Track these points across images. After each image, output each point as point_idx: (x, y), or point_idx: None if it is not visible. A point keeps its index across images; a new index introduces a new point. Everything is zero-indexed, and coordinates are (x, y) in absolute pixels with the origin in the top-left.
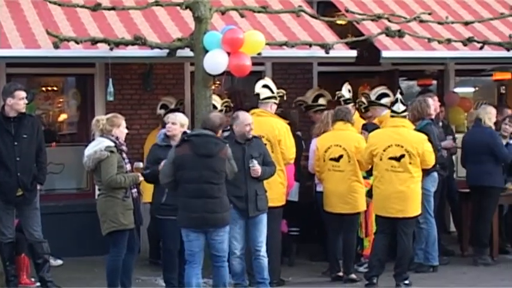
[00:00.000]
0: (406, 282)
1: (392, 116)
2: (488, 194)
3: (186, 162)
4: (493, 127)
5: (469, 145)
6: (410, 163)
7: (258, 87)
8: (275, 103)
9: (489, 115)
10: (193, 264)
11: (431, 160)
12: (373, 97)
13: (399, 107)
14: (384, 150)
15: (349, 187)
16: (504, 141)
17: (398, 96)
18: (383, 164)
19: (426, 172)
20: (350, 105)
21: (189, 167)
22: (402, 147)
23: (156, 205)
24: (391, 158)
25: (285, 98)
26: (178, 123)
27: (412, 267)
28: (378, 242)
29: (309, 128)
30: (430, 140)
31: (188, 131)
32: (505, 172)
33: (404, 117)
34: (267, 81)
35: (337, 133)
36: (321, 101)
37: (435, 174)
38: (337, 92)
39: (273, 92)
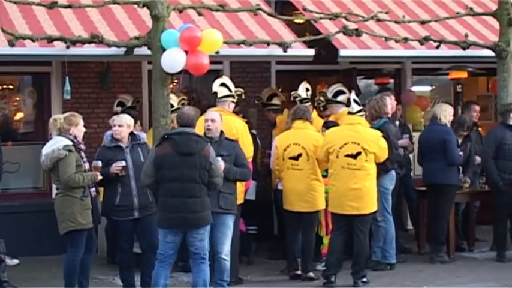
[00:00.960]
0: (364, 280)
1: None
2: (443, 192)
3: (166, 161)
4: (449, 125)
5: (424, 143)
6: (366, 160)
7: (216, 86)
8: (233, 102)
9: (445, 112)
10: (165, 264)
11: (384, 155)
12: (329, 95)
13: (353, 107)
14: (340, 148)
15: (308, 186)
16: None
17: (352, 96)
18: (339, 162)
19: (384, 170)
20: (308, 104)
21: (169, 166)
22: (358, 144)
23: (110, 206)
24: (347, 156)
25: (243, 96)
26: (124, 125)
27: (369, 265)
28: (334, 240)
29: (267, 126)
30: (387, 138)
31: (136, 132)
32: (461, 169)
33: (361, 116)
34: (225, 79)
35: (296, 132)
36: (275, 100)
37: (393, 172)
38: (293, 92)
39: (230, 91)
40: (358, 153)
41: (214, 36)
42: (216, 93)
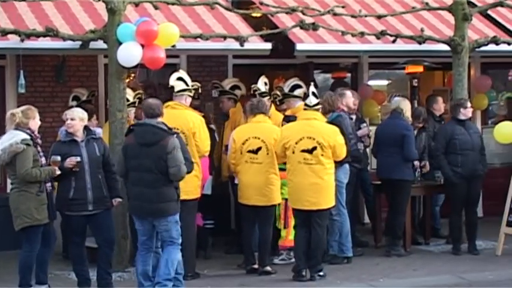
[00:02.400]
0: (321, 273)
1: (305, 109)
2: (399, 187)
3: (130, 150)
4: (410, 120)
5: (382, 136)
6: (322, 155)
7: (173, 80)
8: (190, 96)
9: (408, 107)
10: (141, 251)
11: (342, 152)
12: (286, 89)
13: (311, 100)
14: (296, 143)
15: (267, 179)
16: None
17: (311, 89)
18: (296, 157)
19: (338, 163)
20: (266, 98)
21: (132, 156)
22: (314, 139)
23: (64, 201)
24: (303, 151)
25: (200, 90)
26: (77, 118)
27: (326, 258)
28: (298, 235)
29: (224, 121)
30: (341, 132)
31: (91, 127)
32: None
33: (317, 110)
34: (182, 73)
35: (255, 125)
36: (237, 92)
37: (347, 165)
38: (253, 86)
39: (187, 85)
40: (314, 148)
41: (170, 30)
42: (172, 87)
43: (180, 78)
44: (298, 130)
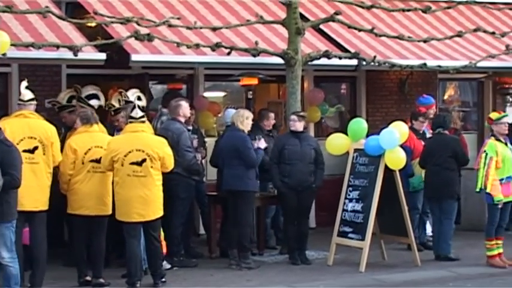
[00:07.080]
0: (163, 280)
1: (131, 122)
2: (243, 198)
3: None
4: (246, 130)
5: (223, 149)
6: (152, 167)
7: (22, 88)
8: (35, 105)
9: (241, 118)
10: None
11: (170, 163)
12: (132, 98)
13: (137, 112)
14: (125, 156)
15: (107, 189)
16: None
17: (136, 102)
18: (124, 170)
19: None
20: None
21: None
22: (143, 151)
23: None
24: (132, 163)
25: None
26: None
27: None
28: (129, 248)
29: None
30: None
31: None
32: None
33: (143, 122)
34: (27, 83)
35: (94, 135)
36: (74, 102)
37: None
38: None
39: (34, 94)
40: (143, 160)
41: (1, 38)
42: (22, 95)
43: (28, 88)
44: (126, 143)
